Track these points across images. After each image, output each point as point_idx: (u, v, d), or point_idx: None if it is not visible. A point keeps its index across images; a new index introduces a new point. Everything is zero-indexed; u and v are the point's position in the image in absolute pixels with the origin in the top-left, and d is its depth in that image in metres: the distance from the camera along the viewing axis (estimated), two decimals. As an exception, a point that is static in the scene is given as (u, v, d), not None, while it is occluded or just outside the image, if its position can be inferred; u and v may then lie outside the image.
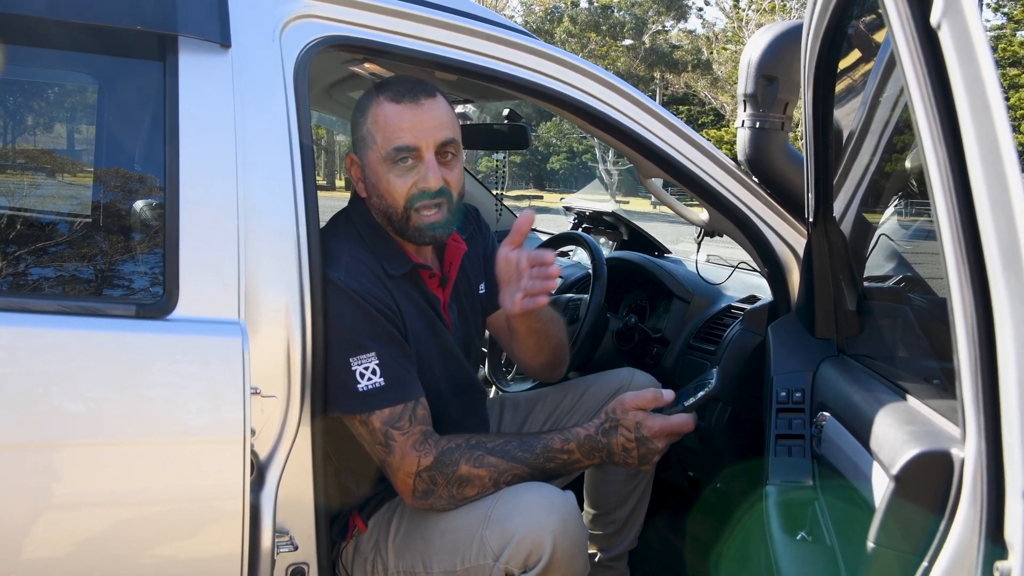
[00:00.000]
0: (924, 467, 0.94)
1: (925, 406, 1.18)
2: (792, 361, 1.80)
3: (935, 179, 0.89)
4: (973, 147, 0.86)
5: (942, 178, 0.88)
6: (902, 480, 0.95)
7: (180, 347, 1.42)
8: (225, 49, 1.51)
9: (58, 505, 1.38)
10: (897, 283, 1.90)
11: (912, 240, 1.94)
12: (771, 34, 1.95)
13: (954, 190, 0.88)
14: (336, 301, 1.56)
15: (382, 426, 1.56)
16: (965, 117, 0.86)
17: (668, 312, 2.51)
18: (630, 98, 1.86)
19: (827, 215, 1.76)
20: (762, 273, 2.08)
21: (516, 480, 1.58)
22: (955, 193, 0.88)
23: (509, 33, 1.76)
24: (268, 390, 1.51)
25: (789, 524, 1.52)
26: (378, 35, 1.66)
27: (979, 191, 0.86)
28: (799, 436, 1.68)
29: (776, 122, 1.96)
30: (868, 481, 1.14)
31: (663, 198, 2.11)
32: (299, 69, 1.58)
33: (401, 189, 1.61)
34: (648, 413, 1.60)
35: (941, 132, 0.87)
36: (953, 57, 0.86)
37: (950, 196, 0.88)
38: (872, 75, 1.47)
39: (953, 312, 0.90)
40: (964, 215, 0.88)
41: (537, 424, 2.06)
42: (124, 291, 1.51)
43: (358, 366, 1.55)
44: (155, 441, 1.41)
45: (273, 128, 1.54)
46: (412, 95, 1.61)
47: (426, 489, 1.57)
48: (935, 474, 0.93)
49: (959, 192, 0.88)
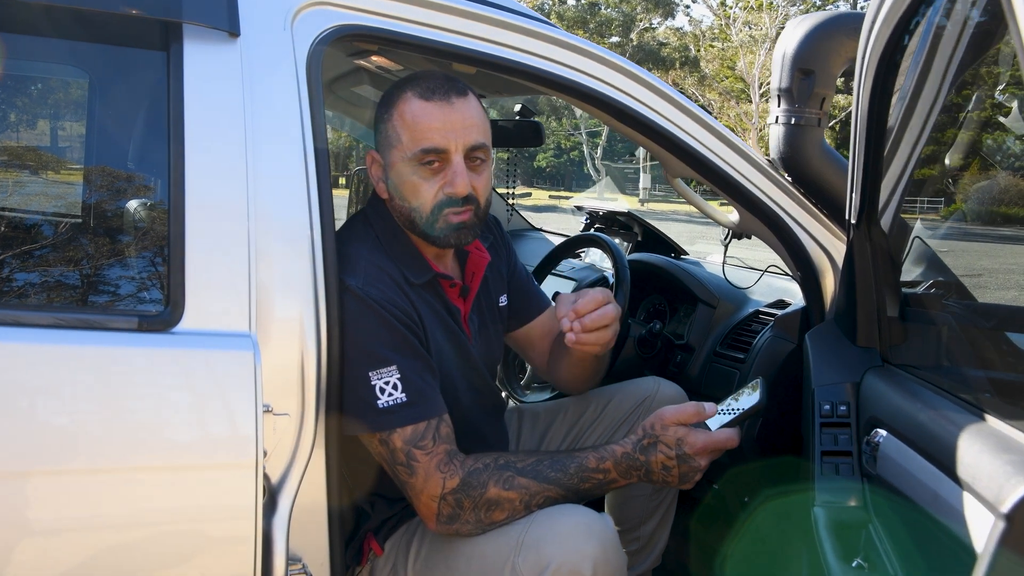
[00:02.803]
0: (1042, 504, 0.84)
1: (1011, 427, 1.08)
2: (833, 372, 1.69)
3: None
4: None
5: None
6: (1015, 520, 0.85)
7: (186, 362, 1.30)
8: (233, 38, 1.40)
9: (56, 531, 1.25)
10: (946, 288, 1.81)
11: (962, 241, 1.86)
12: (807, 25, 1.84)
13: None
14: (354, 310, 1.44)
15: (404, 445, 1.45)
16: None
17: (691, 317, 2.40)
18: (660, 93, 1.75)
19: (872, 216, 1.65)
20: (794, 277, 1.98)
21: (549, 503, 1.47)
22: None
23: (534, 23, 1.65)
24: (281, 407, 1.40)
25: (843, 550, 1.42)
26: (394, 24, 1.55)
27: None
28: (846, 453, 1.57)
29: (812, 118, 1.86)
30: (956, 513, 1.03)
31: (691, 198, 2.00)
32: (312, 60, 1.47)
33: (427, 193, 1.50)
34: (689, 428, 1.49)
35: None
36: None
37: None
38: (933, 71, 1.37)
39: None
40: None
41: (558, 437, 1.96)
42: (125, 302, 1.38)
43: (378, 380, 1.44)
44: (160, 465, 1.29)
45: (285, 124, 1.43)
46: (443, 93, 1.50)
47: (452, 513, 1.45)
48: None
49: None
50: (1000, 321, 1.75)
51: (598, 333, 1.55)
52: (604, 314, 1.54)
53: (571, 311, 1.54)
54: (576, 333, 1.53)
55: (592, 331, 1.54)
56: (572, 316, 1.54)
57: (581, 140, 35.54)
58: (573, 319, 1.54)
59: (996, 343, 1.71)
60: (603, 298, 1.55)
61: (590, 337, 1.54)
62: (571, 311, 1.54)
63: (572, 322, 1.54)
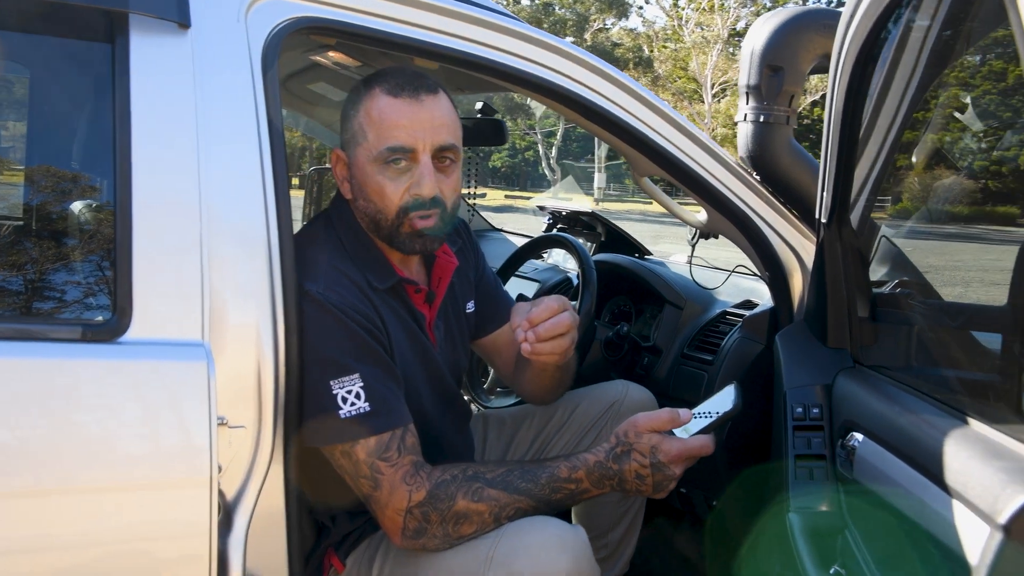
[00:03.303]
0: (1041, 515, 0.81)
1: (995, 431, 1.05)
2: (805, 374, 1.67)
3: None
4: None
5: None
6: (1014, 530, 0.82)
7: (135, 374, 1.22)
8: (183, 30, 1.32)
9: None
10: (914, 288, 1.79)
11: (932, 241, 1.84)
12: (776, 21, 1.82)
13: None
14: (314, 317, 1.37)
15: (367, 457, 1.38)
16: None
17: (657, 319, 2.37)
18: (629, 90, 1.71)
19: (843, 216, 1.63)
20: (762, 277, 1.95)
21: (519, 515, 1.41)
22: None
23: (499, 17, 1.60)
24: (236, 420, 1.32)
25: (820, 556, 1.39)
26: (354, 16, 1.48)
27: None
28: (820, 457, 1.55)
29: (781, 115, 1.83)
30: (944, 520, 1.00)
31: (658, 197, 1.96)
32: (268, 53, 1.40)
33: (392, 193, 1.44)
34: (663, 436, 1.45)
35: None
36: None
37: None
38: (911, 69, 1.34)
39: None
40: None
41: (525, 443, 1.91)
42: (69, 310, 1.29)
43: (340, 389, 1.37)
44: (108, 484, 1.21)
45: (239, 121, 1.36)
46: (412, 89, 1.44)
47: (418, 527, 1.39)
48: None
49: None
50: (969, 320, 1.74)
51: (554, 342, 1.48)
52: (559, 322, 1.47)
53: (525, 320, 1.48)
54: (531, 343, 1.47)
55: (547, 340, 1.48)
56: (526, 326, 1.47)
57: (536, 140, 35.58)
58: (527, 328, 1.47)
59: (968, 343, 1.70)
60: (558, 306, 1.48)
61: (545, 347, 1.48)
62: (525, 320, 1.48)
63: (526, 331, 1.47)
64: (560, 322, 1.47)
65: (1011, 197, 7.48)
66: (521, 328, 1.48)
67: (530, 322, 1.47)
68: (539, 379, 1.73)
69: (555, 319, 1.47)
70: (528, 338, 1.47)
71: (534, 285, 2.76)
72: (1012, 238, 8.81)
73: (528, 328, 1.47)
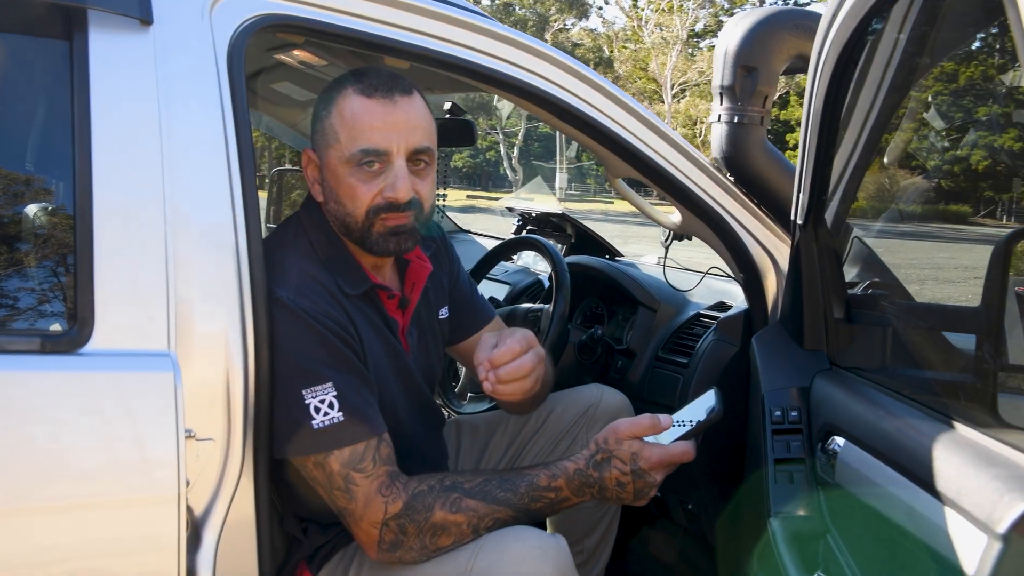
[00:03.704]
0: (1040, 524, 0.79)
1: (985, 436, 1.04)
2: (782, 376, 1.65)
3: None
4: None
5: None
6: (1013, 540, 0.80)
7: (97, 387, 1.17)
8: (145, 26, 1.27)
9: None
10: (888, 288, 1.79)
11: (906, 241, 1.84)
12: (749, 22, 1.80)
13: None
14: (285, 324, 1.33)
15: (342, 468, 1.34)
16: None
17: (630, 321, 2.34)
18: (604, 91, 1.68)
19: (819, 217, 1.62)
20: (737, 279, 1.94)
21: (498, 525, 1.38)
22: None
23: (472, 16, 1.56)
24: (204, 432, 1.28)
25: (803, 562, 1.37)
26: (323, 14, 1.43)
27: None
28: (800, 460, 1.53)
29: (755, 116, 1.82)
30: (936, 527, 0.99)
31: (632, 199, 1.94)
32: (234, 51, 1.35)
33: (364, 196, 1.39)
34: (644, 442, 1.42)
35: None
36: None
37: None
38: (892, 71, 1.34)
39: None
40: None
41: (499, 450, 1.87)
42: (26, 320, 1.22)
43: (312, 399, 1.33)
44: (71, 503, 1.16)
45: (205, 121, 1.31)
46: (387, 90, 1.39)
47: (395, 540, 1.35)
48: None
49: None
50: (943, 321, 1.74)
51: (515, 384, 1.44)
52: (520, 366, 1.43)
53: (487, 360, 1.43)
54: (492, 383, 1.43)
55: (509, 382, 1.44)
56: (487, 366, 1.43)
57: (498, 140, 35.55)
58: (488, 369, 1.43)
59: (942, 344, 1.70)
60: (520, 348, 1.44)
61: (507, 388, 1.44)
62: (487, 360, 1.43)
63: (487, 371, 1.43)
64: (522, 366, 1.43)
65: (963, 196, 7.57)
66: (483, 367, 1.43)
67: (491, 363, 1.43)
68: (511, 403, 1.67)
69: (517, 363, 1.43)
70: (489, 379, 1.43)
71: (505, 288, 2.73)
72: (965, 236, 8.90)
73: (489, 369, 1.43)
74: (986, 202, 9.68)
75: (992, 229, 10.08)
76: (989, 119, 2.73)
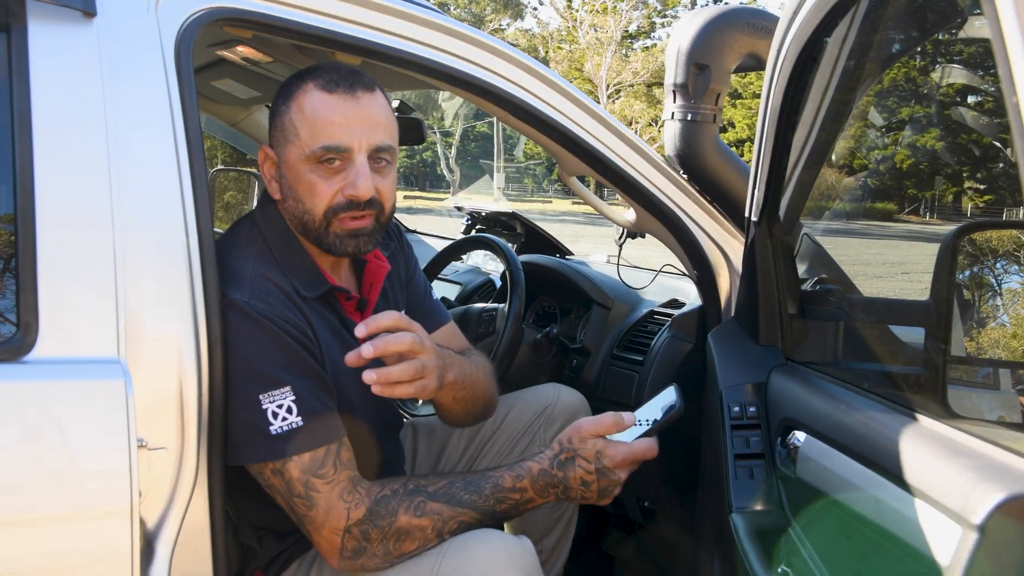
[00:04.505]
0: (1015, 514, 0.80)
1: (950, 427, 1.06)
2: (739, 372, 1.66)
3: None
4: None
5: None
6: (989, 530, 0.81)
7: (43, 396, 1.11)
8: (89, 18, 1.21)
9: None
10: (837, 283, 1.82)
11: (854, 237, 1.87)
12: (701, 20, 1.81)
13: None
14: (240, 327, 1.28)
15: (301, 475, 1.30)
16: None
17: (584, 319, 2.34)
18: (560, 89, 1.68)
19: (774, 214, 1.63)
20: (691, 276, 1.95)
21: (463, 528, 1.35)
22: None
23: (425, 11, 1.54)
24: (157, 441, 1.23)
25: (766, 558, 1.38)
26: (274, 8, 1.40)
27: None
28: (759, 456, 1.54)
29: (708, 114, 1.83)
30: (906, 520, 0.99)
31: (586, 197, 1.94)
32: (182, 46, 1.30)
33: (324, 194, 1.35)
34: (607, 441, 1.41)
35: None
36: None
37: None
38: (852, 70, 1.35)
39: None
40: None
41: (457, 452, 1.85)
42: (-35, 328, 1.16)
43: (270, 404, 1.28)
44: (16, 518, 1.10)
45: (152, 118, 1.26)
46: (348, 86, 1.35)
47: (357, 547, 1.32)
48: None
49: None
50: (892, 315, 1.78)
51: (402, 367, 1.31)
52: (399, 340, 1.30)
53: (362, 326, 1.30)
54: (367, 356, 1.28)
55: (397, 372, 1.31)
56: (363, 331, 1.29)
57: (435, 140, 35.42)
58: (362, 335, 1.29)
59: (891, 337, 1.73)
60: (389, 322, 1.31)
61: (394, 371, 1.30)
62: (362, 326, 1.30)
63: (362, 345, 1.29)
64: (399, 340, 1.30)
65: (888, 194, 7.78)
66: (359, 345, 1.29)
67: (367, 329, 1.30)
68: (451, 413, 1.59)
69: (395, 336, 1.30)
70: (364, 351, 1.28)
71: (456, 288, 2.71)
72: (891, 233, 9.13)
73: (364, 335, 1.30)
74: (910, 199, 10.00)
75: (916, 226, 10.42)
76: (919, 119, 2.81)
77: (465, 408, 1.59)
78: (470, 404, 1.59)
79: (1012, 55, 0.69)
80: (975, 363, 1.68)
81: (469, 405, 1.59)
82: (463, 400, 1.55)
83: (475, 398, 1.59)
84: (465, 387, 1.53)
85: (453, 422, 1.66)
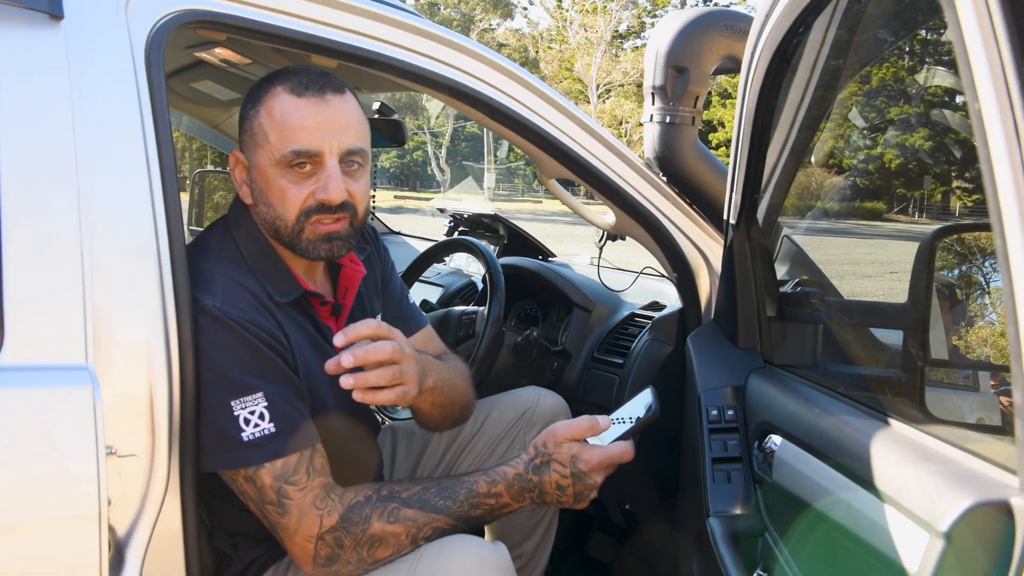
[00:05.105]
0: (981, 521, 0.80)
1: (922, 433, 1.05)
2: (718, 376, 1.66)
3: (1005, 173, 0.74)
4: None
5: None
6: (955, 537, 0.81)
7: (9, 404, 1.10)
8: (56, 21, 1.20)
9: None
10: (817, 286, 1.81)
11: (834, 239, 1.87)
12: (680, 22, 1.81)
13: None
14: (211, 333, 1.27)
15: (274, 482, 1.29)
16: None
17: (565, 322, 2.33)
18: (537, 91, 1.67)
19: (751, 216, 1.63)
20: (670, 278, 1.95)
21: (437, 534, 1.34)
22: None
23: (401, 13, 1.53)
24: (127, 448, 1.22)
25: (742, 561, 1.38)
26: (246, 10, 1.38)
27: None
28: (737, 459, 1.54)
29: (687, 116, 1.83)
30: (875, 525, 0.99)
31: (566, 199, 1.93)
32: (152, 48, 1.28)
33: (295, 198, 1.34)
34: (583, 444, 1.40)
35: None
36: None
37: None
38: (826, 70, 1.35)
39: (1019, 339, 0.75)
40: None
41: (436, 456, 1.84)
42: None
43: (241, 410, 1.27)
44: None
45: (121, 120, 1.24)
46: (318, 89, 1.34)
47: (330, 554, 1.31)
48: (993, 529, 0.79)
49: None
50: (871, 318, 1.78)
51: (379, 372, 1.30)
52: (379, 348, 1.30)
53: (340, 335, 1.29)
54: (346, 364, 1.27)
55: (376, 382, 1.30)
56: (341, 339, 1.29)
57: (425, 140, 35.39)
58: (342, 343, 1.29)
59: (870, 340, 1.73)
60: (369, 330, 1.31)
61: (371, 376, 1.30)
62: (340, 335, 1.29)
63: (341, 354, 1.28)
64: (379, 348, 1.30)
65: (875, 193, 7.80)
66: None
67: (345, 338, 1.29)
68: (430, 419, 1.58)
69: (376, 345, 1.30)
70: (344, 360, 1.27)
71: (438, 290, 2.70)
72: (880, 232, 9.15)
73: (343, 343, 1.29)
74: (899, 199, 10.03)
75: (905, 225, 10.47)
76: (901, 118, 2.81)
77: (443, 413, 1.58)
78: (448, 409, 1.58)
79: (973, 62, 0.69)
80: (953, 365, 1.68)
81: (447, 410, 1.58)
82: (441, 405, 1.55)
83: (453, 403, 1.58)
84: (443, 392, 1.52)
85: (431, 427, 1.65)
